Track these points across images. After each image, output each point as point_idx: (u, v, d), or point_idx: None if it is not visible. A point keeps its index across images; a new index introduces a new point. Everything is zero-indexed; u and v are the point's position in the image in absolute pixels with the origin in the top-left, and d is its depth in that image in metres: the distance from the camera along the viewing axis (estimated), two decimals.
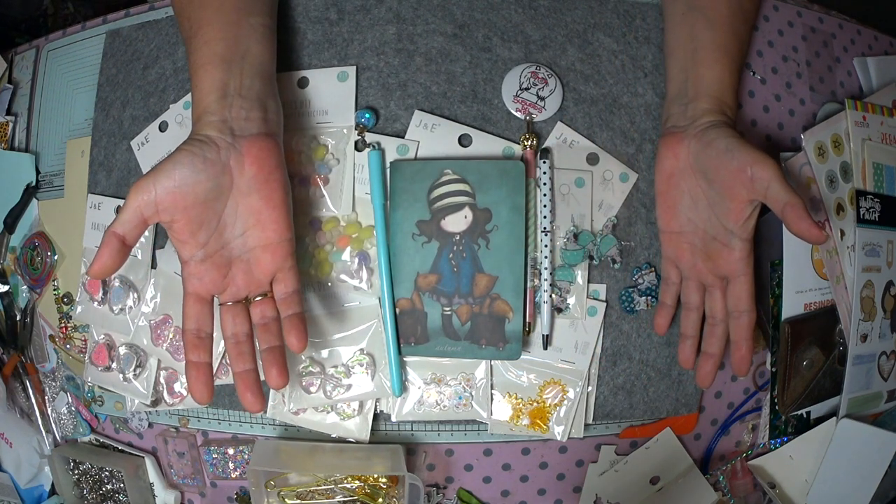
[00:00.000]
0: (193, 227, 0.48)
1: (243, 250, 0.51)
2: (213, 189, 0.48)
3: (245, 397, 0.50)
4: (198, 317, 0.50)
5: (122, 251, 0.47)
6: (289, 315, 0.51)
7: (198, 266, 0.49)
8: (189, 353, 0.49)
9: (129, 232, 0.47)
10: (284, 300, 0.51)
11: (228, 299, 0.51)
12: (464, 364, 0.59)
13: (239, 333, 0.51)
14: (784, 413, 0.62)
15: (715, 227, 0.54)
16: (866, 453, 0.60)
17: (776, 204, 0.49)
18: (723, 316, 0.56)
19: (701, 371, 0.57)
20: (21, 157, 0.70)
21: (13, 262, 0.70)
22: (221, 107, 0.49)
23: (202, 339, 0.50)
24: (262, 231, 0.50)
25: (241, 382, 0.50)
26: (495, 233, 0.57)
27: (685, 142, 0.54)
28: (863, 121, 0.62)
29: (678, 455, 0.62)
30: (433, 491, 0.61)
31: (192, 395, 0.50)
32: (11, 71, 0.74)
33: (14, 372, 0.71)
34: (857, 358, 0.61)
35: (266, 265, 0.51)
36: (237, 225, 0.50)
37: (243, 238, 0.51)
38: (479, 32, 0.60)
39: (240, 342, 0.50)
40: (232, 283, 0.51)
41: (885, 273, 0.63)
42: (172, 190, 0.47)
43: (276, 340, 0.51)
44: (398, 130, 0.60)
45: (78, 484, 0.67)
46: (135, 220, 0.47)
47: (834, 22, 0.70)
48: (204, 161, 0.48)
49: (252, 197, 0.50)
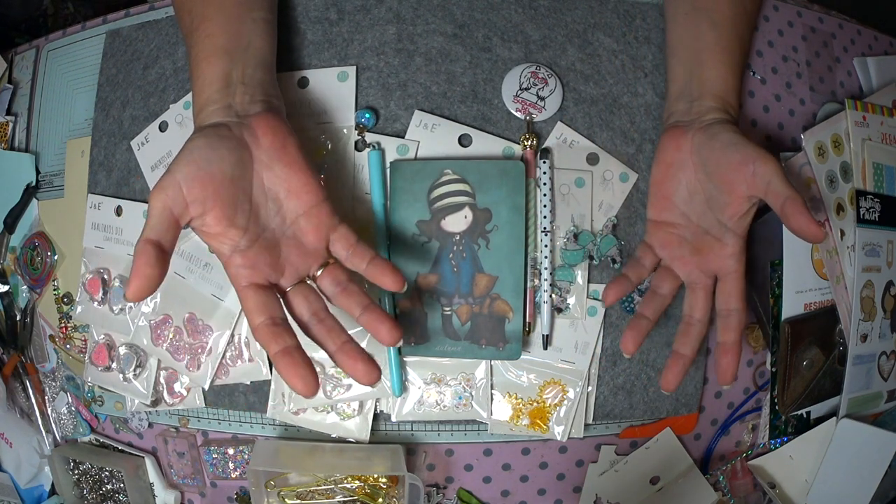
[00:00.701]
0: (229, 212, 0.45)
1: (285, 227, 0.49)
2: (236, 163, 0.46)
3: (357, 369, 0.45)
4: (264, 305, 0.45)
5: (161, 259, 0.42)
6: (368, 263, 0.48)
7: (246, 255, 0.46)
8: (271, 346, 0.44)
9: (162, 235, 0.42)
10: (353, 255, 0.49)
11: (291, 281, 0.48)
12: (464, 364, 0.59)
13: (318, 311, 0.47)
14: (784, 413, 0.62)
15: (709, 221, 0.54)
16: (866, 453, 0.60)
17: (776, 199, 0.48)
18: (701, 316, 0.54)
19: (669, 373, 0.53)
20: (21, 157, 0.70)
21: (13, 262, 0.70)
22: (224, 95, 0.49)
23: (279, 325, 0.45)
24: (297, 198, 0.48)
25: (346, 357, 0.46)
26: (495, 233, 0.57)
27: (688, 134, 0.54)
28: (863, 121, 0.62)
29: (678, 455, 0.62)
30: (433, 491, 0.61)
31: (295, 388, 0.44)
32: (11, 71, 0.74)
33: (14, 372, 0.71)
34: (857, 358, 0.61)
35: (314, 231, 0.49)
36: (269, 204, 0.48)
37: (280, 215, 0.48)
38: (479, 32, 0.60)
39: (322, 319, 0.47)
40: (288, 264, 0.48)
41: (885, 273, 0.63)
42: (196, 175, 0.44)
43: (366, 298, 0.48)
44: (398, 130, 0.60)
45: (78, 484, 0.67)
46: (166, 222, 0.43)
47: (834, 22, 0.70)
48: (220, 138, 0.46)
49: (275, 167, 0.48)
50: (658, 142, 0.57)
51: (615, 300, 0.55)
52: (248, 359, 0.60)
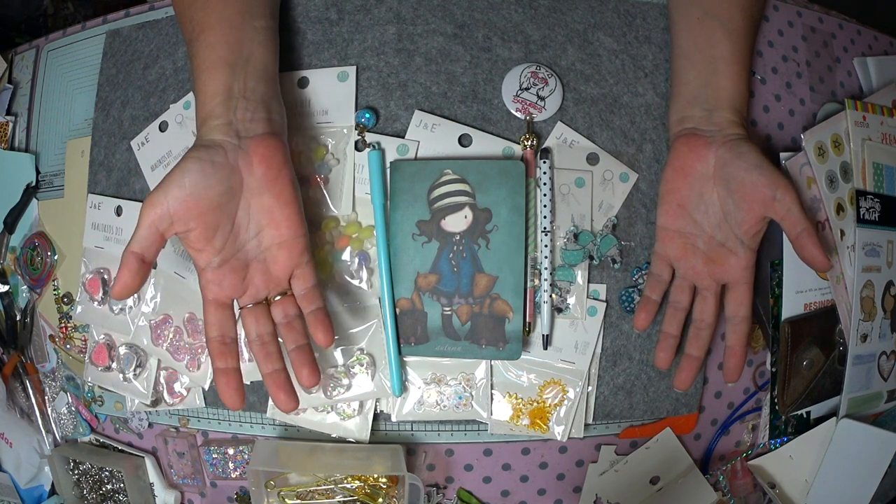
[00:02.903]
0: (209, 234, 0.49)
1: (259, 250, 0.51)
2: (225, 192, 0.49)
3: (278, 397, 0.50)
4: (220, 323, 0.50)
5: (143, 269, 0.47)
6: (312, 311, 0.52)
7: (216, 272, 0.49)
8: (216, 361, 0.50)
9: (146, 249, 0.47)
10: (305, 296, 0.52)
11: (249, 301, 0.51)
12: (464, 364, 0.59)
13: (263, 334, 0.51)
14: (784, 413, 0.62)
15: (725, 233, 0.55)
16: (866, 453, 0.60)
17: (792, 228, 0.52)
18: (712, 321, 0.57)
19: (683, 374, 0.57)
20: (21, 157, 0.70)
21: (13, 262, 0.70)
22: (226, 109, 0.50)
23: (227, 345, 0.50)
24: (276, 229, 0.51)
25: (273, 383, 0.50)
26: (495, 233, 0.57)
27: (713, 147, 0.54)
28: (863, 121, 0.62)
29: (678, 455, 0.62)
30: (433, 491, 0.61)
31: (224, 401, 0.50)
32: (11, 71, 0.74)
33: (14, 372, 0.71)
34: (857, 358, 0.61)
35: (283, 263, 0.51)
36: (251, 226, 0.51)
37: (258, 238, 0.51)
38: (479, 32, 0.60)
39: (265, 343, 0.51)
40: (251, 285, 0.51)
41: (885, 273, 0.63)
42: (184, 199, 0.47)
43: (303, 339, 0.52)
44: (398, 130, 0.60)
45: (78, 484, 0.67)
46: (151, 237, 0.47)
47: (834, 22, 0.70)
48: (213, 165, 0.48)
49: (263, 196, 0.50)
50: (672, 146, 0.57)
51: (648, 324, 0.58)
52: (248, 359, 0.60)
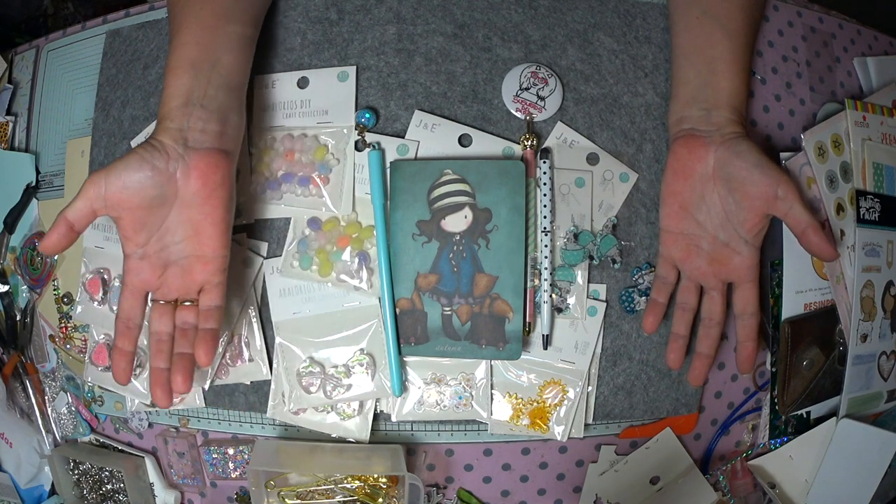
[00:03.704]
0: (137, 227, 0.51)
1: (180, 256, 0.53)
2: (157, 197, 0.51)
3: (154, 392, 0.53)
4: (130, 308, 0.52)
5: (71, 235, 0.51)
6: (205, 328, 0.53)
7: (137, 262, 0.52)
8: (117, 340, 0.53)
9: (78, 220, 0.50)
10: (206, 312, 0.53)
11: (160, 298, 0.53)
12: (464, 364, 0.59)
13: (162, 332, 0.53)
14: (784, 413, 0.62)
15: (728, 233, 0.55)
16: (866, 453, 0.60)
17: (797, 224, 0.53)
18: (720, 318, 0.57)
19: (695, 371, 0.58)
20: (21, 157, 0.70)
21: (13, 262, 0.70)
22: (181, 114, 0.51)
23: (130, 329, 0.53)
24: (198, 244, 0.52)
25: (154, 378, 0.53)
26: (495, 233, 0.57)
27: (712, 148, 0.54)
28: (863, 121, 0.62)
29: (678, 455, 0.62)
30: (433, 491, 0.61)
31: (114, 376, 0.53)
32: (11, 71, 0.74)
33: (14, 372, 0.71)
34: (857, 358, 0.61)
35: (197, 275, 0.53)
36: (178, 232, 0.52)
37: (181, 245, 0.52)
38: (479, 32, 0.60)
39: (161, 340, 0.53)
40: (165, 284, 0.53)
41: (885, 273, 0.63)
42: (120, 190, 0.50)
43: (188, 348, 0.53)
44: (398, 130, 0.60)
45: (78, 484, 0.67)
46: (84, 210, 0.50)
47: (834, 22, 0.70)
48: (152, 169, 0.50)
49: (193, 210, 0.52)
50: (671, 148, 0.57)
51: (656, 328, 0.58)
52: (247, 359, 0.60)
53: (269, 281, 0.60)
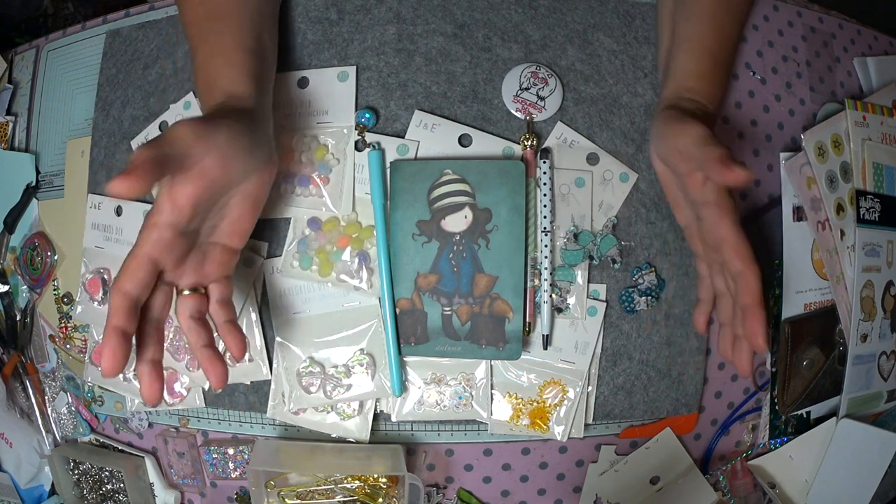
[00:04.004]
0: (199, 199, 0.45)
1: (206, 240, 0.49)
2: (242, 171, 0.48)
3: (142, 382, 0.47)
4: (140, 281, 0.44)
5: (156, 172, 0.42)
6: (228, 321, 0.50)
7: (166, 238, 0.45)
8: (113, 317, 0.43)
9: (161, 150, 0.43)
10: (223, 304, 0.50)
11: (171, 281, 0.48)
12: (464, 364, 0.59)
13: (160, 320, 0.47)
14: (784, 413, 0.62)
15: (695, 208, 0.52)
16: (866, 453, 0.60)
17: (700, 166, 0.47)
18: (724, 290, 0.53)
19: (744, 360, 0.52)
20: (21, 157, 0.70)
21: (13, 262, 0.70)
22: (260, 95, 0.52)
23: (130, 306, 0.44)
24: (230, 237, 0.50)
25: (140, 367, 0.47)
26: (495, 233, 0.57)
27: (651, 141, 0.56)
28: (863, 121, 0.62)
29: (678, 455, 0.62)
30: (433, 491, 0.61)
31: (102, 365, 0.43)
32: (11, 71, 0.74)
33: (14, 372, 0.71)
34: (857, 358, 0.61)
35: (219, 265, 0.50)
36: (218, 216, 0.49)
37: (213, 230, 0.49)
38: (479, 32, 0.60)
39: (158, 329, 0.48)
40: (180, 269, 0.48)
41: (885, 273, 0.63)
42: (214, 160, 0.45)
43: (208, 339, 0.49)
44: (398, 130, 0.60)
45: (78, 484, 0.67)
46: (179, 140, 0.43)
47: (834, 22, 0.70)
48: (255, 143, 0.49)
49: (246, 203, 0.50)
50: None
51: (706, 322, 0.57)
52: (247, 359, 0.60)
53: (269, 281, 0.60)
